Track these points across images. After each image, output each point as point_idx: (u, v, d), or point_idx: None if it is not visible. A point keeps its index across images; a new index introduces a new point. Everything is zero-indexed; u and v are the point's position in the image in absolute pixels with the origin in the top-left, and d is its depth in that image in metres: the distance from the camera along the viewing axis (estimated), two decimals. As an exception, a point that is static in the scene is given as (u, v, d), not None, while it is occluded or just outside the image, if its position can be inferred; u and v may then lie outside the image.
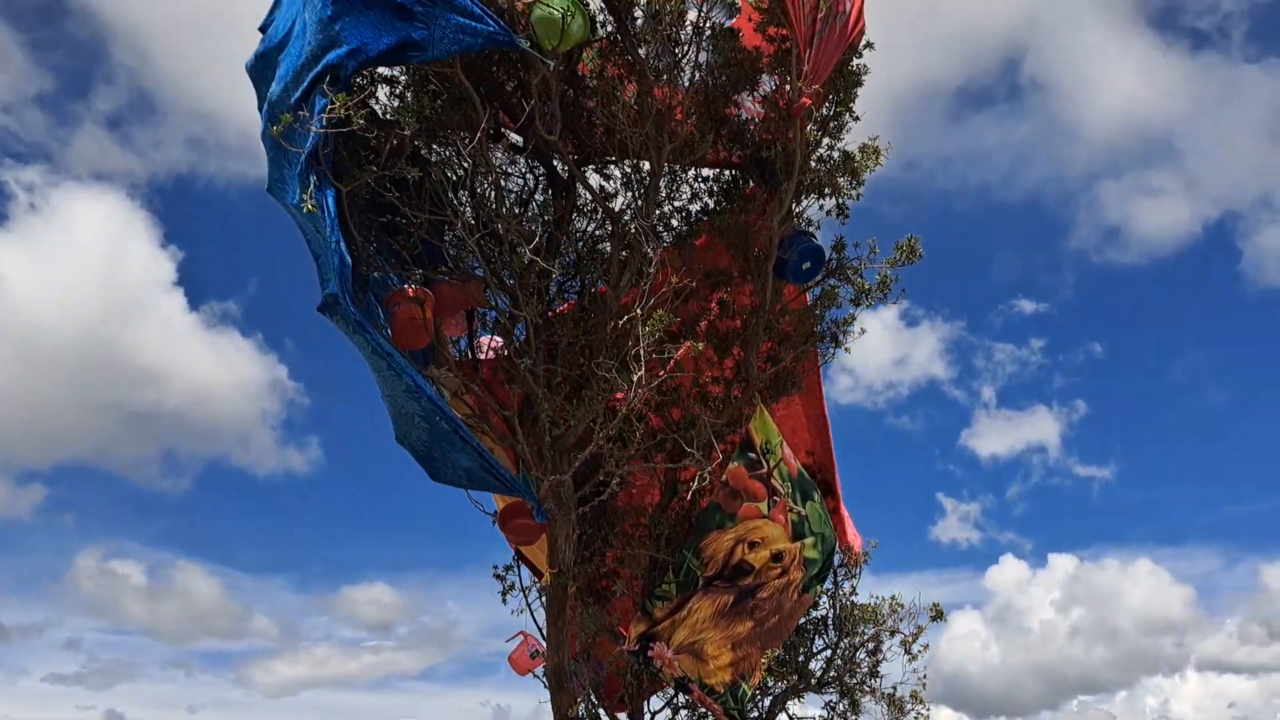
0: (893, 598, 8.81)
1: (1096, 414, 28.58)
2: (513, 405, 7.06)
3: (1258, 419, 29.30)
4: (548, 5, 5.62)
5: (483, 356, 7.73)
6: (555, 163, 7.34)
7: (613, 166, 7.79)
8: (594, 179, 7.81)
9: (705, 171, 7.80)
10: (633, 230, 7.12)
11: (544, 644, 7.73)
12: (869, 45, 6.94)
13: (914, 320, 28.39)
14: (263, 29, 6.78)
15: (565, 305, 7.74)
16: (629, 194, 7.63)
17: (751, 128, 7.52)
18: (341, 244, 5.35)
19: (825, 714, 9.03)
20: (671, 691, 8.67)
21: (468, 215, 6.63)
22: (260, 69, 6.11)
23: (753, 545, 7.64)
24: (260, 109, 6.26)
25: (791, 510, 7.80)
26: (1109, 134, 30.95)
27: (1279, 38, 29.96)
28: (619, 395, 6.81)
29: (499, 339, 7.55)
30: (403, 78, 6.54)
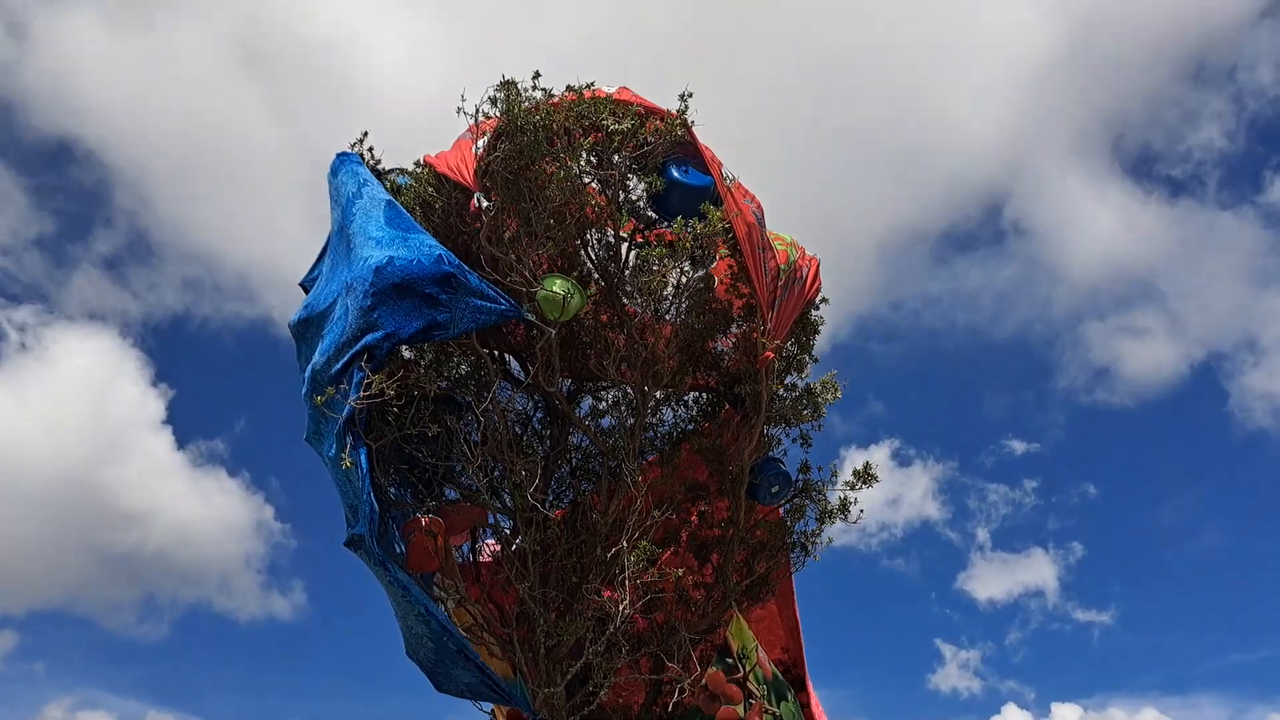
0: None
1: (1093, 557, 28.98)
2: (511, 613, 7.85)
3: (1255, 563, 29.77)
4: (549, 288, 6.75)
5: (484, 558, 8.59)
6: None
7: (604, 392, 8.88)
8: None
9: (687, 397, 8.85)
10: (620, 452, 8.09)
11: None
12: (824, 300, 8.14)
13: (906, 460, 29.19)
14: (304, 285, 7.94)
15: (558, 512, 8.62)
16: (617, 415, 8.68)
17: (725, 359, 8.64)
18: (371, 496, 6.27)
19: None
20: None
21: (474, 437, 7.61)
22: (301, 329, 7.18)
23: (733, 759, 8.27)
24: (299, 361, 7.31)
25: (767, 711, 8.48)
26: (1092, 276, 32.77)
27: (1251, 185, 32.33)
28: (606, 593, 7.63)
29: (497, 545, 8.43)
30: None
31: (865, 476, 8.22)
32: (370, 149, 7.53)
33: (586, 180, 7.26)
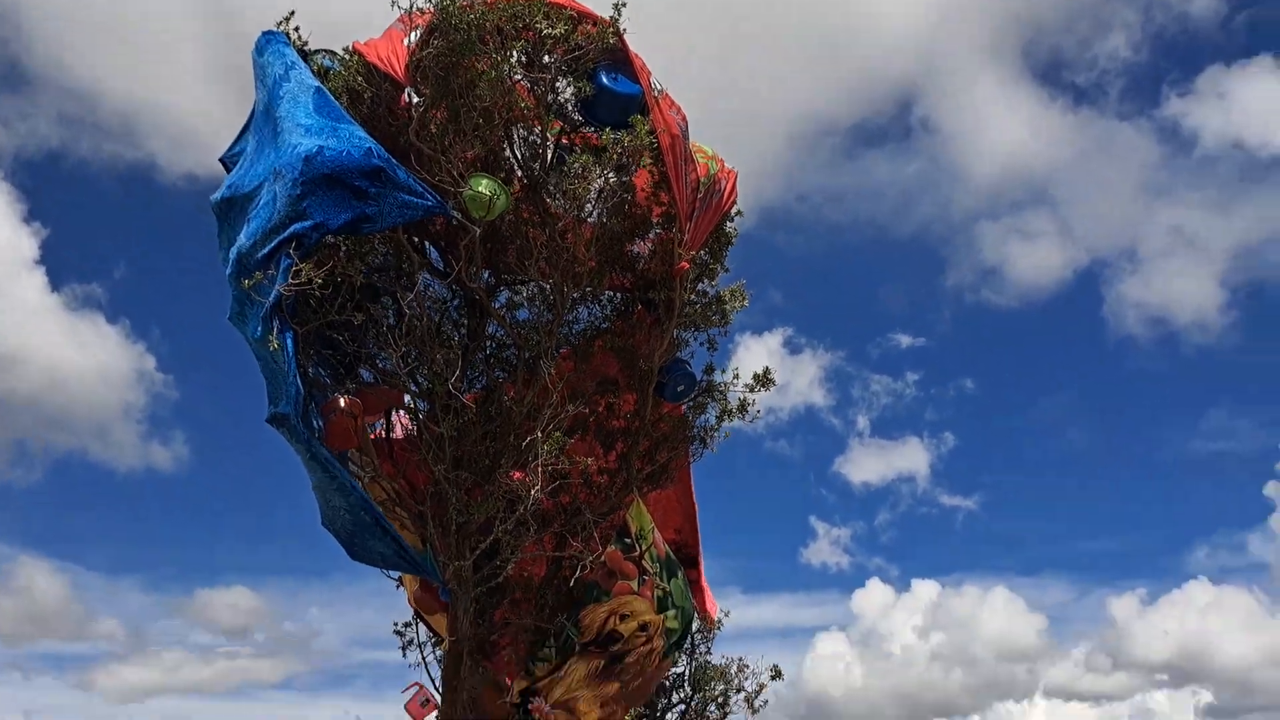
0: (740, 659, 10.41)
1: (964, 447, 31.35)
2: (424, 490, 8.34)
3: (1111, 460, 32.54)
4: (476, 188, 6.98)
5: (396, 434, 9.00)
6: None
7: (521, 285, 9.21)
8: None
9: (602, 296, 9.25)
10: (536, 345, 8.52)
11: (436, 695, 8.98)
12: (739, 213, 8.56)
13: (797, 347, 30.59)
14: (224, 162, 7.95)
15: (470, 395, 9.05)
16: (533, 309, 9.06)
17: (642, 263, 9.04)
18: (297, 378, 6.57)
19: (680, 757, 10.54)
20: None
21: (391, 320, 7.92)
22: (224, 209, 7.27)
23: (623, 617, 9.09)
24: (219, 239, 7.43)
25: (658, 587, 9.30)
26: (991, 177, 34.04)
27: (1149, 99, 33.65)
28: (516, 475, 8.19)
29: (411, 425, 8.84)
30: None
31: (764, 380, 8.87)
32: (297, 28, 7.48)
33: (516, 79, 7.40)
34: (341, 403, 7.58)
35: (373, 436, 8.56)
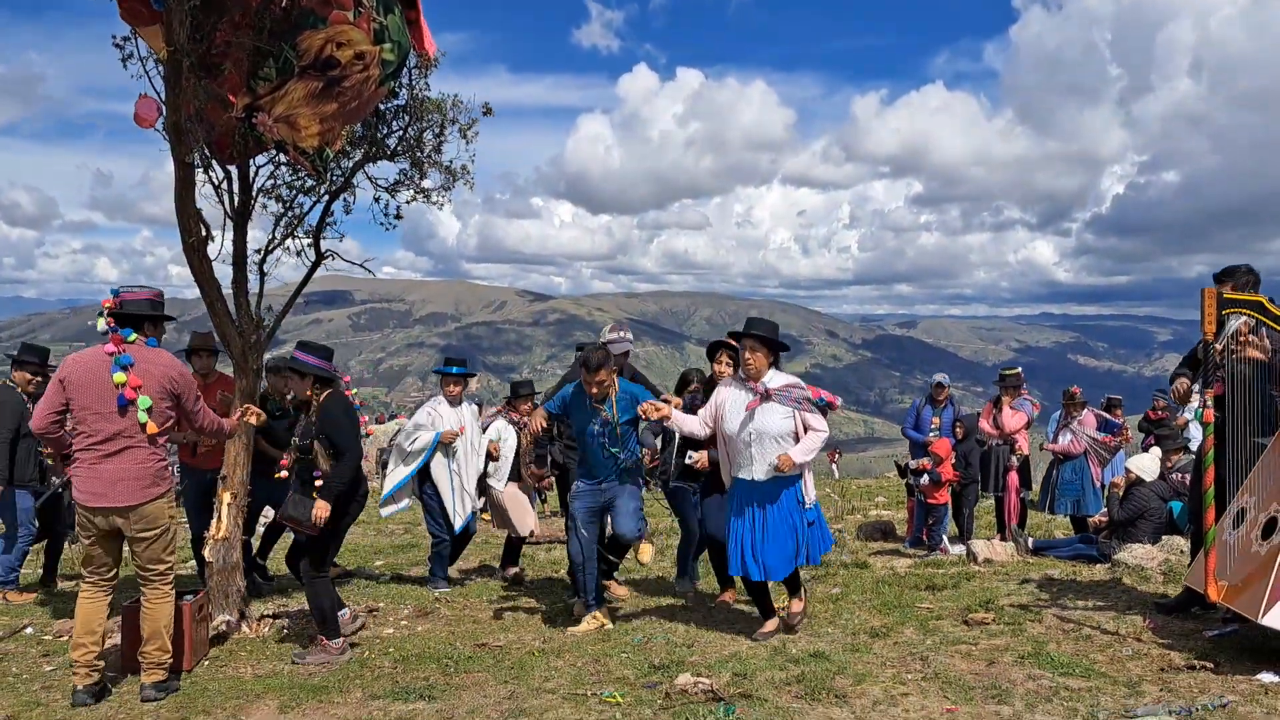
0: (455, 95, 12.06)
1: None
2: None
3: None
4: None
5: None
6: None
7: None
8: None
9: None
10: None
11: (164, 106, 10.06)
12: None
13: None
14: None
15: None
16: None
17: None
18: None
19: (398, 176, 12.55)
20: (273, 151, 11.61)
21: None
22: None
23: (340, 45, 10.26)
24: None
25: (375, 20, 10.40)
26: None
27: None
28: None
29: None
30: None
31: None
32: None
33: None
34: None
35: None
